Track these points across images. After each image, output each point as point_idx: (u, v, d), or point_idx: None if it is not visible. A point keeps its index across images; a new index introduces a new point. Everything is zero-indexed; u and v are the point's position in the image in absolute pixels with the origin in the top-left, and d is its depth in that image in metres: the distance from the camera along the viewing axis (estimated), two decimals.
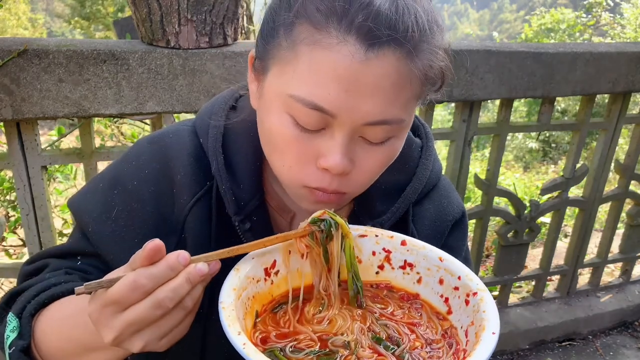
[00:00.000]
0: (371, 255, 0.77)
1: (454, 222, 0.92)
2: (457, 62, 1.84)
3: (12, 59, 1.38)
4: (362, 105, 0.62)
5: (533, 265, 2.82)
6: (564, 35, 12.45)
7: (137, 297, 0.56)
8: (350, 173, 0.69)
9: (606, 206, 2.76)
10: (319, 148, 0.67)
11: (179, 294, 0.57)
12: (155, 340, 0.58)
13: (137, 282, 0.56)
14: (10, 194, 2.90)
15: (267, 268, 0.71)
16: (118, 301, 0.56)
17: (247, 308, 0.65)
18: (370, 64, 0.60)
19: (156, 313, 0.56)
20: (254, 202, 0.80)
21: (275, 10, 0.67)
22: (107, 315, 0.57)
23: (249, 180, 0.79)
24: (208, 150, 0.80)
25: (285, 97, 0.64)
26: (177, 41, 1.50)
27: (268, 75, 0.69)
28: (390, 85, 0.62)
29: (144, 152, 0.82)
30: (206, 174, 0.80)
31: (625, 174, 2.59)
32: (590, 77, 2.11)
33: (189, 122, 0.86)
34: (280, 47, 0.65)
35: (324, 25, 0.61)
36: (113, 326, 0.57)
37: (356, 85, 0.61)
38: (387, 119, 0.65)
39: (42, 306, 0.73)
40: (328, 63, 0.61)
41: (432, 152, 0.90)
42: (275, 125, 0.67)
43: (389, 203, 0.85)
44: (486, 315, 0.62)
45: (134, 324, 0.56)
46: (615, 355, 2.66)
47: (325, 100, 0.62)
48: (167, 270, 0.58)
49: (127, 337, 0.57)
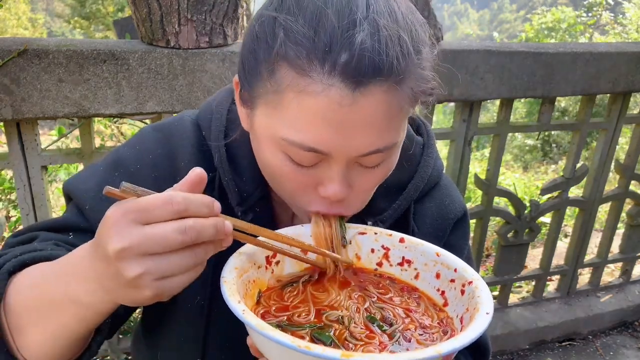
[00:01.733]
0: (370, 252, 0.79)
1: (456, 221, 0.92)
2: (457, 62, 1.84)
3: (12, 59, 1.38)
4: (355, 141, 0.63)
5: (533, 265, 2.82)
6: (565, 34, 12.45)
7: (166, 215, 0.52)
8: (350, 195, 0.70)
9: (606, 206, 2.76)
10: (317, 178, 0.68)
11: (205, 233, 0.54)
12: (152, 276, 0.52)
13: (173, 199, 0.53)
14: (10, 194, 2.90)
15: (269, 257, 0.73)
16: (146, 210, 0.52)
17: (247, 290, 0.66)
18: (358, 103, 0.60)
19: (179, 239, 0.52)
20: (257, 194, 0.80)
21: (254, 50, 0.65)
22: (127, 221, 0.52)
23: (252, 173, 0.80)
24: (211, 142, 0.80)
25: (278, 139, 0.65)
26: (177, 41, 1.50)
27: (256, 112, 0.68)
28: (381, 117, 0.62)
29: (148, 138, 0.82)
30: (208, 165, 0.80)
31: (625, 174, 2.59)
32: (590, 77, 2.11)
33: (193, 113, 0.86)
34: (266, 88, 0.64)
35: (307, 70, 0.59)
36: (128, 235, 0.51)
37: (347, 125, 0.61)
38: (381, 148, 0.65)
39: (22, 267, 0.67)
40: (316, 110, 0.60)
41: (434, 150, 0.90)
42: (272, 162, 0.68)
43: (391, 200, 0.85)
44: (480, 299, 0.64)
45: (150, 241, 0.51)
46: (615, 355, 2.66)
47: (319, 143, 0.62)
48: (203, 204, 0.55)
49: (132, 255, 0.51)
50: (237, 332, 0.60)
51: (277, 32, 0.61)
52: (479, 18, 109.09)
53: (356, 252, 0.79)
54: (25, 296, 0.64)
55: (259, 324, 0.53)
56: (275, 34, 0.62)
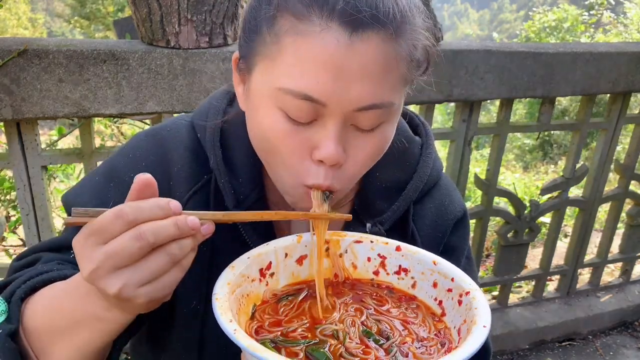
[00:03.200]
0: (366, 261, 0.78)
1: (456, 221, 0.92)
2: (457, 62, 1.84)
3: (12, 59, 1.38)
4: (352, 91, 0.62)
5: (533, 265, 2.82)
6: (566, 34, 12.45)
7: (120, 228, 0.53)
8: (344, 165, 0.68)
9: (606, 206, 2.76)
10: (312, 140, 0.66)
11: (163, 232, 0.54)
12: (133, 285, 0.54)
13: (122, 211, 0.54)
14: (10, 193, 2.90)
15: (262, 269, 0.71)
16: (100, 230, 0.54)
17: (240, 305, 0.65)
18: (355, 48, 0.61)
19: (136, 245, 0.53)
20: (253, 196, 0.80)
21: (255, 7, 0.67)
22: (89, 246, 0.54)
23: (248, 175, 0.79)
24: (206, 144, 0.80)
25: (274, 91, 0.64)
26: (177, 41, 1.50)
27: (254, 73, 0.68)
28: (377, 68, 0.62)
29: (140, 145, 0.82)
30: (203, 167, 0.80)
31: (625, 174, 2.59)
32: (590, 77, 2.11)
33: (187, 117, 0.86)
34: (264, 42, 0.65)
35: (305, 15, 0.61)
36: (92, 258, 0.54)
37: (343, 70, 0.61)
38: (377, 103, 0.64)
39: (32, 291, 0.70)
40: (313, 52, 0.61)
41: (433, 150, 0.89)
42: (266, 122, 0.67)
43: (390, 202, 0.85)
44: (477, 311, 0.63)
45: (113, 257, 0.53)
46: (615, 355, 2.66)
47: (314, 89, 0.62)
48: (155, 207, 0.55)
49: (104, 273, 0.54)
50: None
51: None
52: (479, 18, 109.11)
53: (352, 261, 0.78)
54: (43, 319, 0.67)
55: (250, 344, 0.52)
56: None
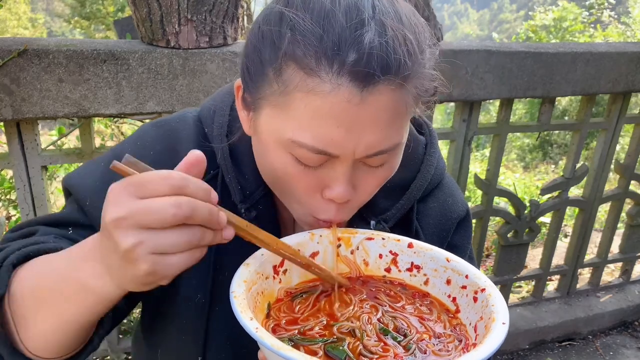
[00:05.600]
0: (378, 258, 0.78)
1: (459, 221, 0.92)
2: (457, 62, 1.84)
3: (12, 59, 1.38)
4: (362, 141, 0.63)
5: (533, 265, 2.82)
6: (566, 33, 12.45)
7: (163, 190, 0.52)
8: (352, 197, 0.70)
9: (606, 206, 2.76)
10: (322, 180, 0.68)
11: (199, 212, 0.53)
12: (148, 248, 0.52)
13: (170, 175, 0.53)
14: (11, 193, 2.90)
15: (276, 266, 0.71)
16: (144, 183, 0.53)
17: (256, 303, 0.65)
18: (367, 102, 0.60)
19: (171, 212, 0.51)
20: (260, 191, 0.80)
21: (259, 49, 0.65)
22: (125, 194, 0.53)
23: (254, 171, 0.80)
24: (213, 139, 0.80)
25: (286, 140, 0.64)
26: (177, 41, 1.50)
27: (261, 114, 0.68)
28: (388, 116, 0.63)
29: (148, 134, 0.82)
30: (210, 162, 0.79)
31: (625, 174, 2.59)
32: (590, 77, 2.11)
33: (194, 110, 0.86)
34: (271, 88, 0.64)
35: (314, 69, 0.59)
36: (124, 206, 0.52)
37: (355, 124, 0.61)
38: (386, 148, 0.66)
39: (25, 259, 0.67)
40: (325, 110, 0.60)
41: (436, 150, 0.90)
42: (278, 164, 0.68)
43: (393, 200, 0.85)
44: (495, 308, 0.63)
45: (145, 213, 0.52)
46: (615, 355, 2.66)
47: (329, 144, 0.62)
48: (200, 187, 0.55)
49: (128, 225, 0.52)
50: (237, 331, 0.59)
51: (283, 31, 0.61)
52: (479, 18, 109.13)
53: (364, 257, 0.78)
54: (32, 285, 0.64)
55: (274, 343, 0.52)
56: (281, 32, 0.61)
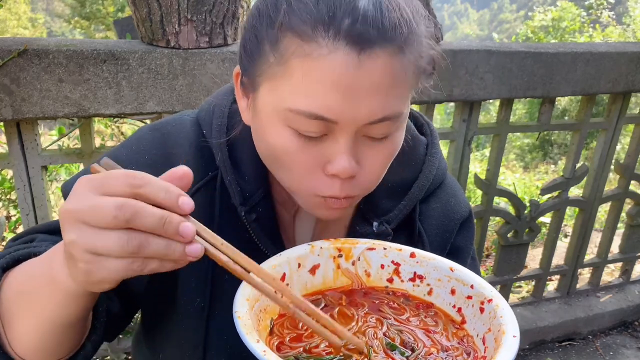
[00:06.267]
0: (380, 268, 0.76)
1: (462, 222, 0.92)
2: (457, 62, 1.84)
3: (12, 59, 1.38)
4: (362, 107, 0.62)
5: (533, 265, 2.82)
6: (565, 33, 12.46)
7: (118, 188, 0.51)
8: (358, 174, 0.68)
9: (606, 206, 2.76)
10: (324, 154, 0.67)
11: (144, 218, 0.50)
12: (81, 246, 0.50)
13: (132, 174, 0.51)
14: (10, 193, 2.91)
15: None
16: (102, 180, 0.51)
17: (260, 320, 0.64)
18: (364, 66, 0.60)
19: (111, 213, 0.49)
20: (259, 193, 0.80)
21: (255, 26, 0.66)
22: (86, 188, 0.51)
23: (254, 173, 0.79)
24: (212, 141, 0.79)
25: (284, 111, 0.64)
26: (177, 41, 1.50)
27: (259, 92, 0.68)
28: (386, 82, 0.63)
29: (145, 138, 0.81)
30: (208, 164, 0.80)
31: (625, 174, 2.59)
32: (590, 77, 2.11)
33: (192, 113, 0.86)
34: (268, 62, 0.64)
35: (311, 36, 0.60)
36: (77, 200, 0.51)
37: (353, 89, 0.61)
38: (388, 115, 0.65)
39: (16, 262, 0.67)
40: (322, 74, 0.61)
41: (438, 150, 0.90)
42: (277, 140, 0.67)
43: (396, 201, 0.85)
44: (504, 320, 0.61)
45: (87, 211, 0.50)
46: (615, 355, 2.66)
47: (326, 109, 0.62)
48: (163, 190, 0.52)
49: (71, 219, 0.51)
50: (237, 335, 0.59)
51: (279, 5, 0.63)
52: (478, 18, 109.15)
53: (365, 268, 0.76)
54: (14, 287, 0.64)
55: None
56: (277, 5, 0.63)
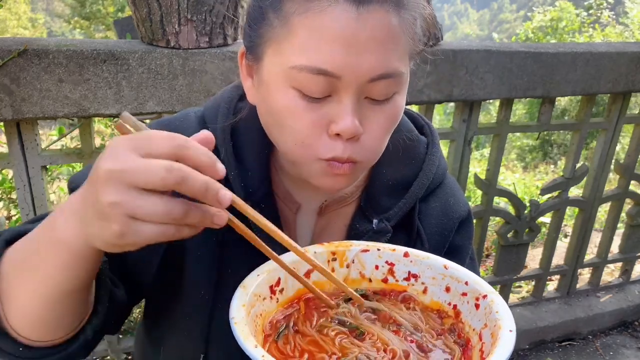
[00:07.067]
0: (374, 269, 0.77)
1: (461, 221, 0.92)
2: (457, 62, 1.84)
3: (12, 59, 1.38)
4: (363, 61, 0.64)
5: (533, 265, 2.82)
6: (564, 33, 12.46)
7: (164, 148, 0.51)
8: (361, 138, 0.70)
9: (606, 206, 2.76)
10: (328, 116, 0.68)
11: (192, 182, 0.51)
12: (123, 209, 0.50)
13: (176, 136, 0.52)
14: (11, 193, 2.91)
15: (272, 286, 0.70)
16: (145, 140, 0.51)
17: (256, 325, 0.64)
18: (362, 19, 0.63)
19: (161, 175, 0.49)
20: (262, 190, 0.80)
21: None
22: (126, 148, 0.51)
23: (257, 168, 0.80)
24: (217, 137, 0.80)
25: (287, 70, 0.66)
26: (177, 41, 1.50)
27: (264, 61, 0.70)
28: (385, 38, 0.65)
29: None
30: None
31: (625, 174, 2.59)
32: (590, 77, 2.11)
33: (197, 109, 0.87)
34: (272, 27, 0.67)
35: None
36: (120, 159, 0.50)
37: (354, 43, 0.63)
38: (389, 72, 0.66)
39: (18, 236, 0.66)
40: (323, 27, 0.63)
41: (438, 149, 0.91)
42: (282, 103, 0.68)
43: (396, 198, 0.86)
44: (500, 315, 0.62)
45: (134, 171, 0.50)
46: (615, 355, 2.66)
47: (328, 62, 0.64)
48: (205, 153, 0.53)
49: (115, 180, 0.50)
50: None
51: None
52: (478, 18, 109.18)
53: (360, 270, 0.77)
54: (15, 257, 0.63)
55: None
56: None
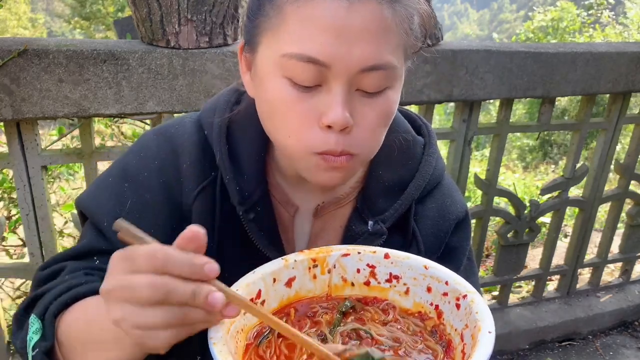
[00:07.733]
0: (356, 272, 0.77)
1: (457, 222, 0.92)
2: (457, 62, 1.84)
3: (12, 59, 1.38)
4: (354, 51, 0.64)
5: (533, 265, 2.82)
6: (564, 33, 12.46)
7: (146, 268, 0.52)
8: (353, 131, 0.69)
9: (606, 206, 2.75)
10: (318, 107, 0.68)
11: (177, 295, 0.52)
12: (128, 322, 0.53)
13: (155, 253, 0.53)
14: (11, 192, 2.90)
15: (253, 299, 0.69)
16: (131, 260, 0.53)
17: (237, 342, 0.63)
18: (354, 9, 0.63)
19: (146, 292, 0.51)
20: (258, 192, 0.80)
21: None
22: (119, 267, 0.54)
23: (253, 171, 0.80)
24: (213, 141, 0.81)
25: (279, 59, 0.66)
26: (177, 41, 1.50)
27: (259, 51, 0.70)
28: (377, 29, 0.65)
29: (150, 144, 0.83)
30: (211, 164, 0.81)
31: (625, 174, 2.59)
32: (590, 77, 2.11)
33: (193, 115, 0.87)
34: (268, 18, 0.68)
35: None
36: (114, 279, 0.54)
37: (345, 32, 0.63)
38: (380, 63, 0.66)
39: (64, 307, 0.71)
40: (315, 16, 0.63)
41: (435, 150, 0.90)
42: (274, 93, 0.68)
43: (392, 200, 0.85)
44: (479, 315, 0.62)
45: (125, 290, 0.53)
46: (615, 355, 2.66)
47: (318, 51, 0.64)
48: (187, 264, 0.53)
49: (114, 299, 0.54)
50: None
51: None
52: (478, 18, 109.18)
53: (342, 275, 0.76)
54: (77, 332, 0.69)
55: None
56: None
